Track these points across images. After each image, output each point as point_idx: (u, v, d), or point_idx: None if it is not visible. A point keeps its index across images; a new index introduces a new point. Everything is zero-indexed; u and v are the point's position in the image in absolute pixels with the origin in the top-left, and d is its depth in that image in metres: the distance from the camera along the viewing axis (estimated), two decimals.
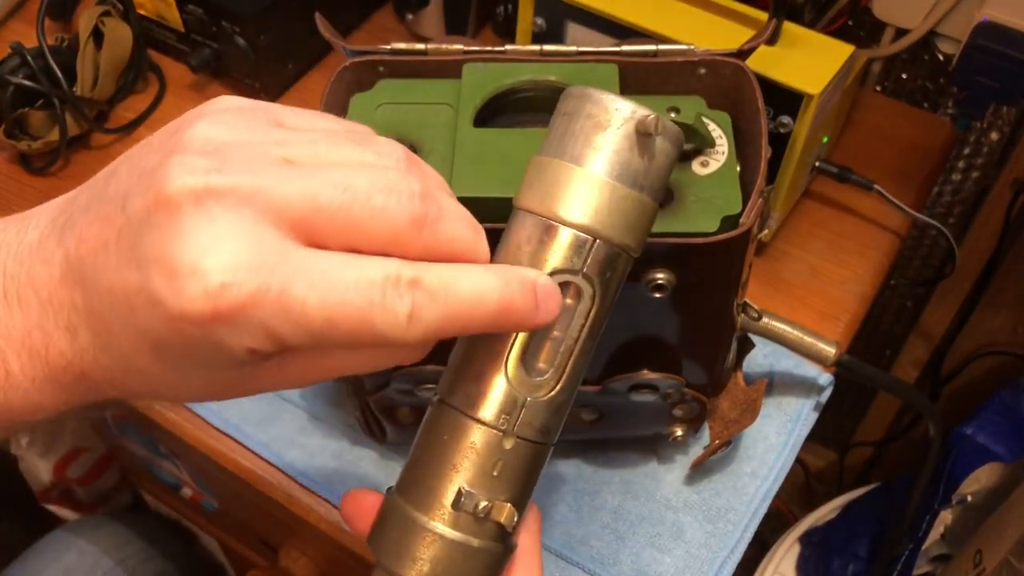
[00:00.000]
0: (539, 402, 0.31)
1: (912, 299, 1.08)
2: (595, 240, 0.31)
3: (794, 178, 0.65)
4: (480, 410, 0.31)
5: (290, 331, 0.26)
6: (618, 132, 0.31)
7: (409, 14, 0.86)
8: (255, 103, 0.30)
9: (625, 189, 0.31)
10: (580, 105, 0.32)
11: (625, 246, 0.32)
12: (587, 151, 0.31)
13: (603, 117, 0.31)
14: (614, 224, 0.31)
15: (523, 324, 0.29)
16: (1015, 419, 0.83)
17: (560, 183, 0.31)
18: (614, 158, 0.31)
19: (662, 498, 0.60)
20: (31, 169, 0.78)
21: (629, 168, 0.31)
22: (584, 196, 0.31)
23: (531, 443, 0.32)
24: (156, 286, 0.26)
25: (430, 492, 0.32)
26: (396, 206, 0.28)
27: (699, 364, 0.53)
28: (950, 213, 0.97)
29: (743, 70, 0.49)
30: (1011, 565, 0.64)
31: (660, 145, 0.32)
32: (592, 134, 0.31)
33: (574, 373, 0.32)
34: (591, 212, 0.31)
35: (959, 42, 0.67)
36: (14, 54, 0.74)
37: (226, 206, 0.26)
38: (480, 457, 0.31)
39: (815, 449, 1.28)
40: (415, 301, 0.27)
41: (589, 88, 0.32)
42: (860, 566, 0.91)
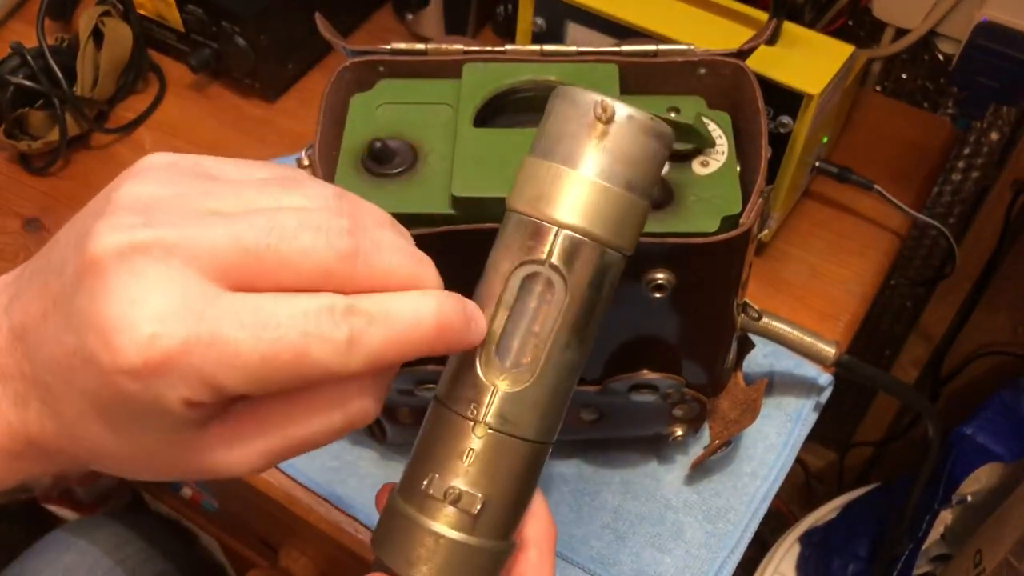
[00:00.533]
0: (512, 394, 0.32)
1: (912, 299, 1.08)
2: (559, 231, 0.31)
3: (794, 178, 0.65)
4: (455, 401, 0.32)
5: (226, 375, 0.26)
6: (599, 129, 0.31)
7: (409, 14, 0.86)
8: (184, 157, 0.30)
9: (608, 186, 0.31)
10: (563, 105, 0.32)
11: (601, 239, 0.32)
12: (571, 150, 0.31)
13: (585, 116, 0.31)
14: (588, 217, 0.31)
15: (459, 344, 0.30)
16: (1015, 419, 0.83)
17: (544, 183, 0.32)
18: (597, 156, 0.31)
19: (662, 498, 0.60)
20: (31, 169, 0.78)
21: (612, 165, 0.31)
22: (554, 191, 0.31)
23: (505, 435, 0.32)
24: (90, 345, 0.26)
25: (412, 484, 0.33)
26: (324, 243, 0.28)
27: (699, 364, 0.53)
28: (950, 213, 0.97)
29: (743, 70, 0.49)
30: (1011, 565, 0.64)
31: (643, 141, 0.32)
32: (575, 133, 0.31)
33: (553, 368, 0.32)
34: (560, 206, 0.31)
35: (959, 42, 0.67)
36: (14, 54, 0.74)
37: (152, 259, 0.26)
38: (454, 446, 0.32)
39: (815, 449, 1.28)
40: (353, 327, 0.27)
41: (574, 88, 0.32)
42: (860, 566, 0.91)
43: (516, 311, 0.32)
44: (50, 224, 0.74)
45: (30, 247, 0.73)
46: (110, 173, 0.87)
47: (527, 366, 0.32)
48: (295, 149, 0.79)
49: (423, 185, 0.46)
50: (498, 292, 0.32)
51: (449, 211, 0.45)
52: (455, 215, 0.45)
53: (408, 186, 0.46)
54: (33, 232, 0.74)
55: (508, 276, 0.32)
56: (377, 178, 0.46)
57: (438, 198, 0.45)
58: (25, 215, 0.75)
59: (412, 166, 0.47)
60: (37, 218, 0.75)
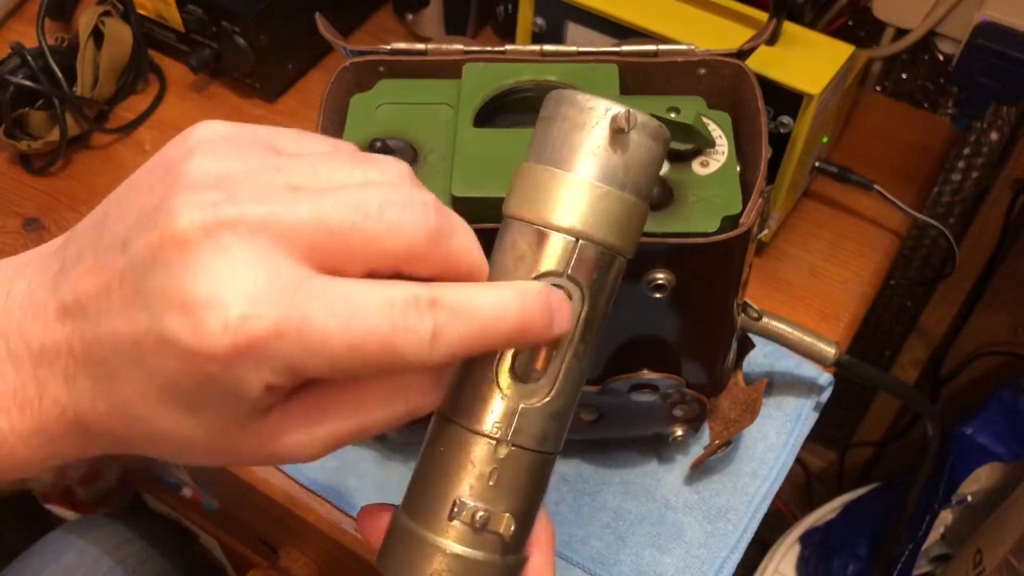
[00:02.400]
0: (533, 409, 0.31)
1: (912, 299, 1.08)
2: (578, 241, 0.31)
3: (794, 178, 0.65)
4: (473, 419, 0.31)
5: (311, 361, 0.25)
6: (594, 130, 0.31)
7: (409, 14, 0.86)
8: (241, 127, 0.29)
9: (606, 188, 0.31)
10: (557, 107, 0.32)
11: (612, 246, 0.31)
12: (566, 153, 0.31)
13: (578, 117, 0.31)
14: (599, 225, 0.31)
15: (540, 338, 0.29)
16: (1015, 419, 0.83)
17: (541, 187, 0.31)
18: (592, 158, 0.31)
19: (662, 498, 0.60)
20: (31, 169, 0.78)
21: (608, 167, 0.31)
22: (565, 198, 0.31)
23: (528, 451, 0.31)
24: (169, 324, 0.25)
25: (430, 506, 0.31)
26: (411, 220, 0.27)
27: (699, 364, 0.53)
28: (950, 213, 0.97)
29: (743, 70, 0.49)
30: (1011, 565, 0.64)
31: (639, 140, 0.31)
32: (569, 135, 0.31)
33: (569, 378, 0.32)
34: (574, 214, 0.31)
35: (959, 42, 0.67)
36: (14, 54, 0.74)
37: (238, 236, 0.25)
38: (476, 467, 0.31)
39: (815, 449, 1.28)
40: (437, 321, 0.26)
41: (567, 90, 0.32)
42: (860, 566, 0.91)
43: None
44: (50, 224, 0.74)
45: (30, 247, 0.72)
46: (110, 173, 0.87)
47: (546, 379, 0.31)
48: None
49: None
50: None
51: None
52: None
53: None
54: (33, 232, 0.74)
55: None
56: None
57: (438, 198, 0.45)
58: (25, 215, 0.75)
59: (412, 166, 0.47)
60: (37, 218, 0.75)
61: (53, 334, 0.27)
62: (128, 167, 0.78)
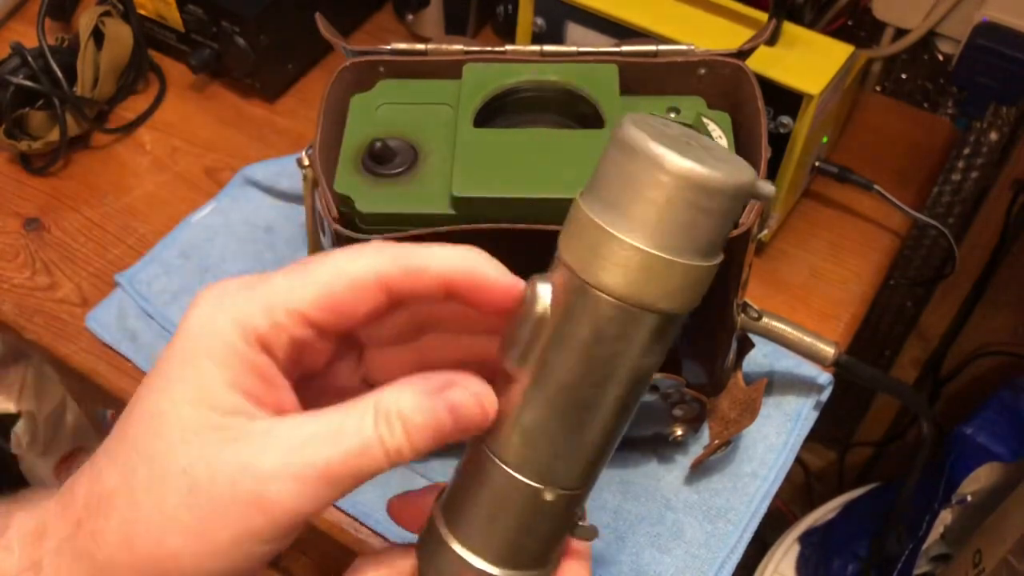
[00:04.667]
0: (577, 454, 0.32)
1: (912, 299, 1.08)
2: (629, 306, 0.29)
3: (794, 178, 0.65)
4: (536, 475, 0.32)
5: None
6: (674, 196, 0.28)
7: (409, 14, 0.86)
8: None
9: (667, 258, 0.28)
10: (632, 159, 0.28)
11: (664, 309, 0.29)
12: (636, 215, 0.28)
13: (657, 177, 0.28)
14: (652, 291, 0.29)
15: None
16: (1015, 419, 0.83)
17: (600, 247, 0.29)
18: (663, 225, 0.28)
19: (662, 498, 0.60)
20: (31, 169, 0.78)
21: (676, 233, 0.28)
22: (620, 265, 0.28)
23: (573, 493, 0.33)
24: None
25: (485, 539, 0.32)
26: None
27: (699, 364, 0.53)
28: (950, 213, 0.97)
29: (743, 70, 0.49)
30: (1011, 565, 0.64)
31: (721, 205, 0.28)
32: (644, 196, 0.28)
33: (609, 427, 0.32)
34: (627, 282, 0.29)
35: (959, 42, 0.67)
36: (14, 54, 0.74)
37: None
38: (531, 512, 0.32)
39: (815, 449, 1.28)
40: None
41: (644, 138, 0.28)
42: (860, 566, 0.91)
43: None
44: (50, 224, 0.74)
45: (30, 247, 0.73)
46: (110, 173, 0.87)
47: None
48: (295, 149, 0.79)
49: (423, 185, 0.46)
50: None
51: (449, 211, 0.45)
52: (455, 215, 0.45)
53: (408, 186, 0.46)
54: (33, 232, 0.74)
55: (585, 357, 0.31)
56: (377, 178, 0.46)
57: (438, 198, 0.45)
58: (25, 215, 0.75)
59: (412, 166, 0.47)
60: (37, 218, 0.75)
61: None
62: (128, 167, 0.78)
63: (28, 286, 0.70)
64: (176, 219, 0.73)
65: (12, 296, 0.70)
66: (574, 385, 0.30)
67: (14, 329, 0.69)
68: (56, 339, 0.67)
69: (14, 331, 0.69)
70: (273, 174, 0.75)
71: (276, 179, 0.75)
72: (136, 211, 0.75)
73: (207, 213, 0.74)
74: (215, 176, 0.78)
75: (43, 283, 0.71)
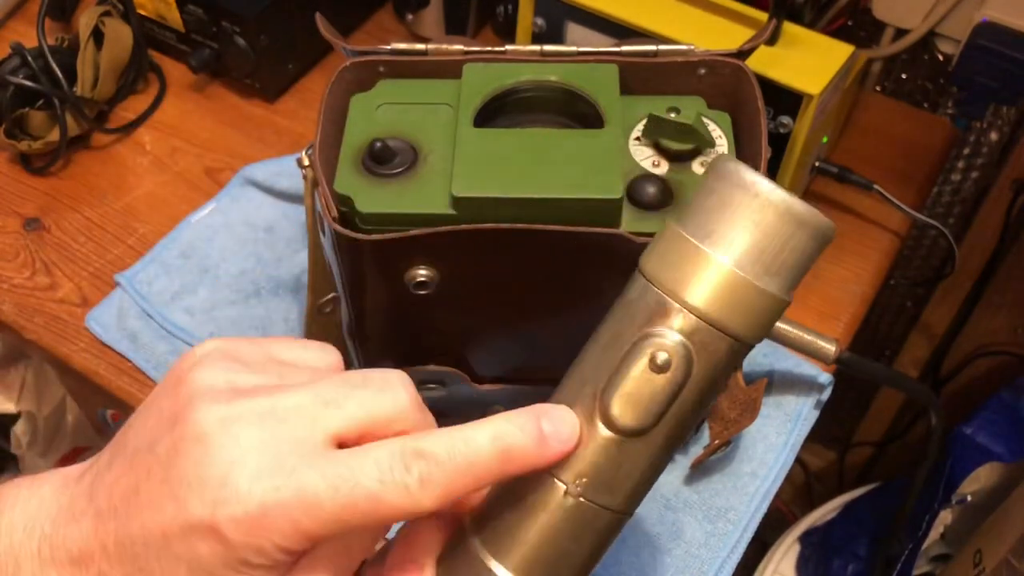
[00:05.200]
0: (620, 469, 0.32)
1: (912, 299, 1.08)
2: (706, 324, 0.30)
3: (794, 178, 0.65)
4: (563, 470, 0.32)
5: (311, 523, 0.29)
6: (763, 224, 0.30)
7: (409, 14, 0.86)
8: (238, 341, 0.34)
9: (751, 282, 0.30)
10: (727, 187, 0.30)
11: (737, 334, 0.31)
12: (724, 238, 0.30)
13: (749, 206, 0.30)
14: (731, 315, 0.30)
15: (535, 465, 0.31)
16: (1015, 419, 0.83)
17: (686, 264, 0.30)
18: (753, 252, 0.30)
19: (662, 498, 0.60)
20: (31, 169, 0.78)
21: (762, 260, 0.30)
22: (707, 282, 0.30)
23: (604, 510, 0.32)
24: (192, 509, 0.29)
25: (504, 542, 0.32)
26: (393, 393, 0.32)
27: None
28: (950, 213, 0.97)
29: (743, 70, 0.49)
30: (1011, 565, 0.64)
31: (804, 242, 0.30)
32: (734, 220, 0.30)
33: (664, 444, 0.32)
34: (710, 299, 0.30)
35: (959, 42, 0.67)
36: (14, 54, 0.74)
37: (247, 424, 0.29)
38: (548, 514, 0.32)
39: (815, 449, 1.28)
40: (421, 470, 0.30)
41: (742, 168, 0.30)
42: (860, 566, 0.91)
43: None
44: (50, 224, 0.74)
45: (30, 247, 0.73)
46: (110, 173, 0.87)
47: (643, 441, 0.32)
48: (295, 149, 0.79)
49: (423, 185, 0.46)
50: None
51: (449, 211, 0.45)
52: (455, 215, 0.45)
53: (408, 186, 0.46)
54: (33, 232, 0.74)
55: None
56: (377, 178, 0.46)
57: (438, 198, 0.45)
58: (25, 215, 0.75)
59: (412, 166, 0.47)
60: (37, 218, 0.75)
61: (89, 538, 0.30)
62: (128, 167, 0.78)
63: (28, 286, 0.70)
64: (176, 219, 0.73)
65: (12, 296, 0.70)
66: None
67: (14, 329, 0.69)
68: (56, 339, 0.67)
69: (14, 331, 0.69)
70: (273, 174, 0.75)
71: (276, 179, 0.75)
72: (136, 211, 0.75)
73: (207, 213, 0.74)
74: (215, 176, 0.78)
75: (43, 283, 0.71)
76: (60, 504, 0.32)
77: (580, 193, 0.44)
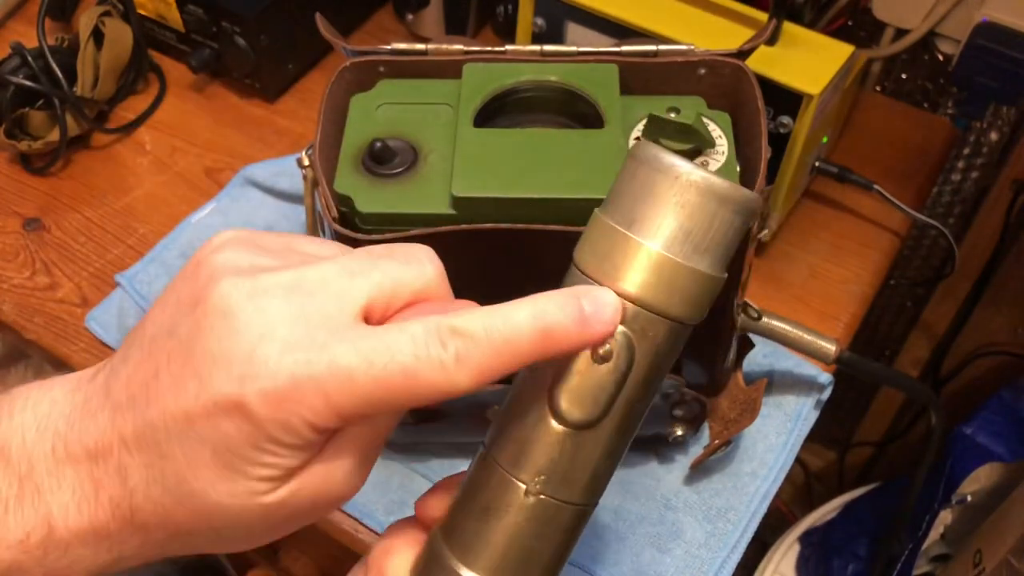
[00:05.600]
0: (577, 461, 0.32)
1: (912, 299, 1.08)
2: (644, 310, 0.30)
3: (794, 178, 0.65)
4: (520, 470, 0.32)
5: (344, 398, 0.28)
6: (687, 205, 0.30)
7: (409, 14, 0.86)
8: (257, 231, 0.32)
9: (682, 263, 0.30)
10: (648, 173, 0.30)
11: (676, 316, 0.31)
12: (646, 218, 0.30)
13: (671, 189, 0.30)
14: (664, 296, 0.30)
15: (576, 343, 0.30)
16: (1015, 419, 0.83)
17: (613, 249, 0.30)
18: (680, 233, 0.30)
19: (662, 498, 0.60)
20: (31, 169, 0.78)
21: (690, 241, 0.30)
22: (635, 266, 0.30)
23: (566, 504, 0.32)
24: (217, 383, 0.27)
25: (472, 547, 0.32)
26: (419, 266, 0.31)
27: (699, 364, 0.53)
28: (950, 213, 0.97)
29: (743, 70, 0.49)
30: (1011, 565, 0.64)
31: (729, 218, 0.30)
32: (658, 204, 0.30)
33: (615, 434, 0.32)
34: (640, 283, 0.30)
35: (959, 42, 0.67)
36: (14, 54, 0.74)
37: (274, 297, 0.28)
38: (513, 514, 0.32)
39: (815, 449, 1.28)
40: (458, 347, 0.28)
41: (661, 153, 0.30)
42: (860, 566, 0.91)
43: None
44: (50, 224, 0.74)
45: (30, 247, 0.73)
46: (110, 173, 0.87)
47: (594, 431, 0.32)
48: (295, 149, 0.79)
49: (423, 185, 0.46)
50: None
51: (449, 211, 0.45)
52: (455, 215, 0.45)
53: (408, 186, 0.46)
54: (33, 232, 0.74)
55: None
56: (377, 178, 0.46)
57: (438, 198, 0.46)
58: (25, 215, 0.75)
59: (412, 166, 0.47)
60: (37, 218, 0.75)
61: (106, 430, 0.29)
62: (128, 167, 0.78)
63: (28, 286, 0.70)
64: (176, 219, 0.73)
65: (12, 296, 0.70)
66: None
67: (14, 329, 0.69)
68: (56, 339, 0.67)
69: (14, 331, 0.69)
70: (273, 174, 0.75)
71: (276, 179, 0.75)
72: (136, 211, 0.75)
73: (207, 213, 0.74)
74: (215, 176, 0.78)
75: (43, 283, 0.71)
76: (74, 403, 0.30)
77: (580, 193, 0.44)
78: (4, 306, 0.69)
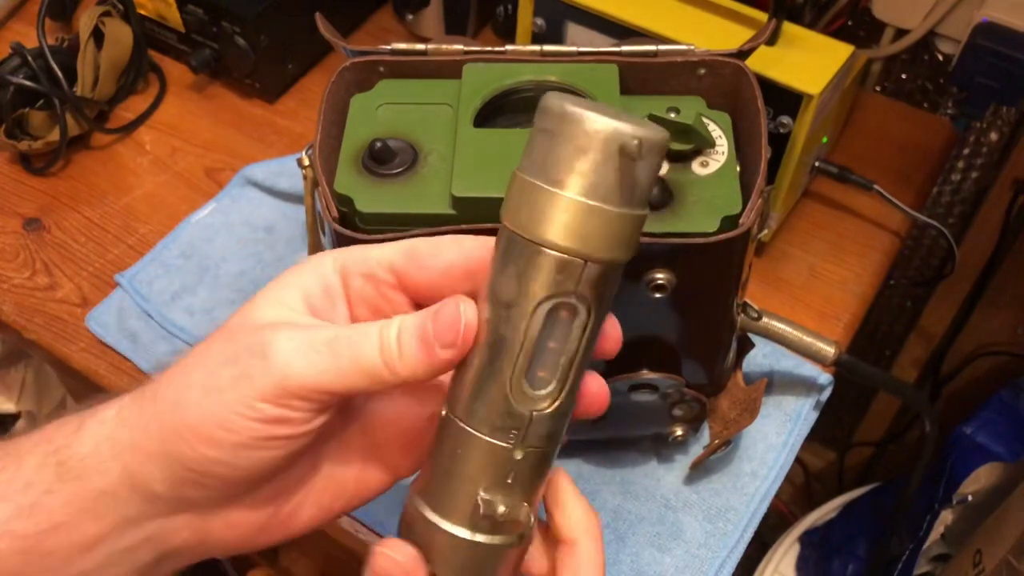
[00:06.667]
0: (544, 414, 0.33)
1: (912, 299, 1.08)
2: (585, 262, 0.31)
3: (794, 178, 0.65)
4: (491, 428, 0.33)
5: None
6: (600, 154, 0.30)
7: (409, 14, 0.86)
8: None
9: (611, 209, 0.30)
10: (559, 124, 0.30)
11: (615, 260, 0.31)
12: (570, 176, 0.30)
13: (583, 140, 0.30)
14: (603, 244, 0.31)
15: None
16: (1015, 419, 0.83)
17: (544, 207, 0.31)
18: (597, 180, 0.30)
19: (662, 498, 0.60)
20: (31, 169, 0.78)
21: (612, 188, 0.30)
22: (570, 221, 0.30)
23: (539, 450, 0.34)
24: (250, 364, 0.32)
25: (453, 502, 0.34)
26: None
27: (699, 364, 0.53)
28: (950, 213, 0.97)
29: (743, 70, 0.49)
30: (1011, 565, 0.64)
31: (646, 161, 0.31)
32: (574, 158, 0.30)
33: (576, 383, 0.34)
34: (578, 236, 0.30)
35: (959, 42, 0.67)
36: (14, 54, 0.74)
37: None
38: (495, 469, 0.33)
39: (815, 449, 1.28)
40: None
41: (567, 103, 0.30)
42: (860, 566, 0.91)
43: (542, 340, 0.32)
44: (50, 224, 0.74)
45: (30, 247, 0.73)
46: (110, 173, 0.87)
47: (555, 386, 0.33)
48: (295, 149, 0.79)
49: (423, 185, 0.46)
50: (523, 326, 0.32)
51: (449, 211, 0.45)
52: (455, 215, 0.45)
53: (408, 186, 0.46)
54: (33, 232, 0.74)
55: (533, 310, 0.31)
56: (377, 178, 0.46)
57: (438, 198, 0.45)
58: (25, 215, 0.75)
59: (412, 166, 0.47)
60: (37, 218, 0.75)
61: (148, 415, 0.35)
62: (128, 167, 0.78)
63: (28, 286, 0.70)
64: (176, 219, 0.73)
65: (12, 296, 0.70)
66: (528, 340, 0.32)
67: (14, 329, 0.69)
68: (56, 339, 0.67)
69: (14, 331, 0.69)
70: (273, 174, 0.75)
71: (276, 179, 0.75)
72: (136, 211, 0.75)
73: (207, 213, 0.74)
74: (215, 176, 0.78)
75: (43, 283, 0.71)
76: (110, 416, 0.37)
77: None
78: (4, 306, 0.69)
